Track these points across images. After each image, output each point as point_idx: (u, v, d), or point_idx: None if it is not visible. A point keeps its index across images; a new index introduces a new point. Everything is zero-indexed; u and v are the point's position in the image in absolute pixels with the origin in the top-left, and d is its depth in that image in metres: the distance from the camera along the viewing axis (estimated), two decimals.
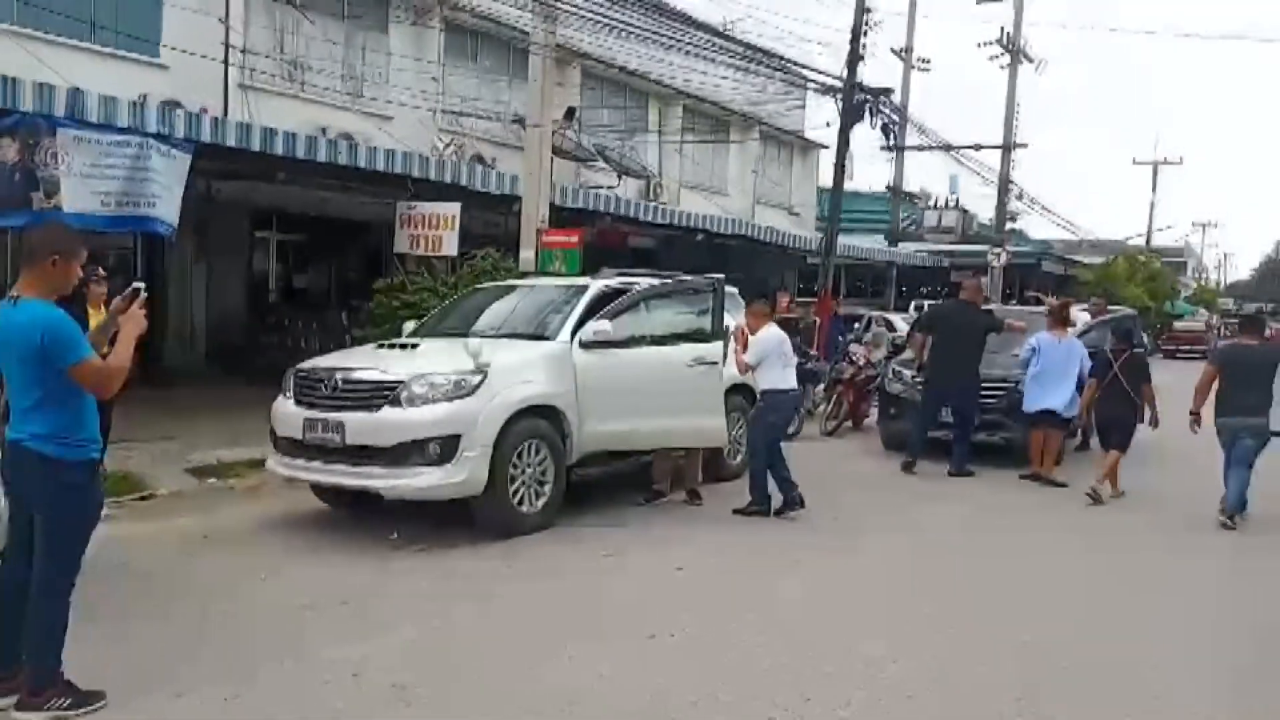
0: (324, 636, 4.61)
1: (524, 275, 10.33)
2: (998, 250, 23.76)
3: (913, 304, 22.02)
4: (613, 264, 10.14)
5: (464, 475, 6.24)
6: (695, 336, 7.69)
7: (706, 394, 7.54)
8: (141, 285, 4.05)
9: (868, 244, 24.97)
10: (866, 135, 17.76)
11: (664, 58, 20.27)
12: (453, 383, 6.34)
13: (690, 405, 7.45)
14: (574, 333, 7.14)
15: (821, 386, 13.19)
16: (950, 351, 9.73)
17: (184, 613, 4.96)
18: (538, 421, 6.75)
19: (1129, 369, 8.78)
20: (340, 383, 6.52)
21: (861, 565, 6.33)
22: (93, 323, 7.88)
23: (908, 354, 11.61)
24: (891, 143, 17.60)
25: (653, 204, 18.98)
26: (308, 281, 17.43)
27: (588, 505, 7.49)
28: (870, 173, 32.33)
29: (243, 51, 14.24)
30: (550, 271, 10.86)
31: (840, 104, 16.40)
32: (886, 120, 16.99)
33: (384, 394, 6.33)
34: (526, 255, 11.17)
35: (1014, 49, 25.08)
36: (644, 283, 7.79)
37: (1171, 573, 6.45)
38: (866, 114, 16.52)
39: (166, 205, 9.34)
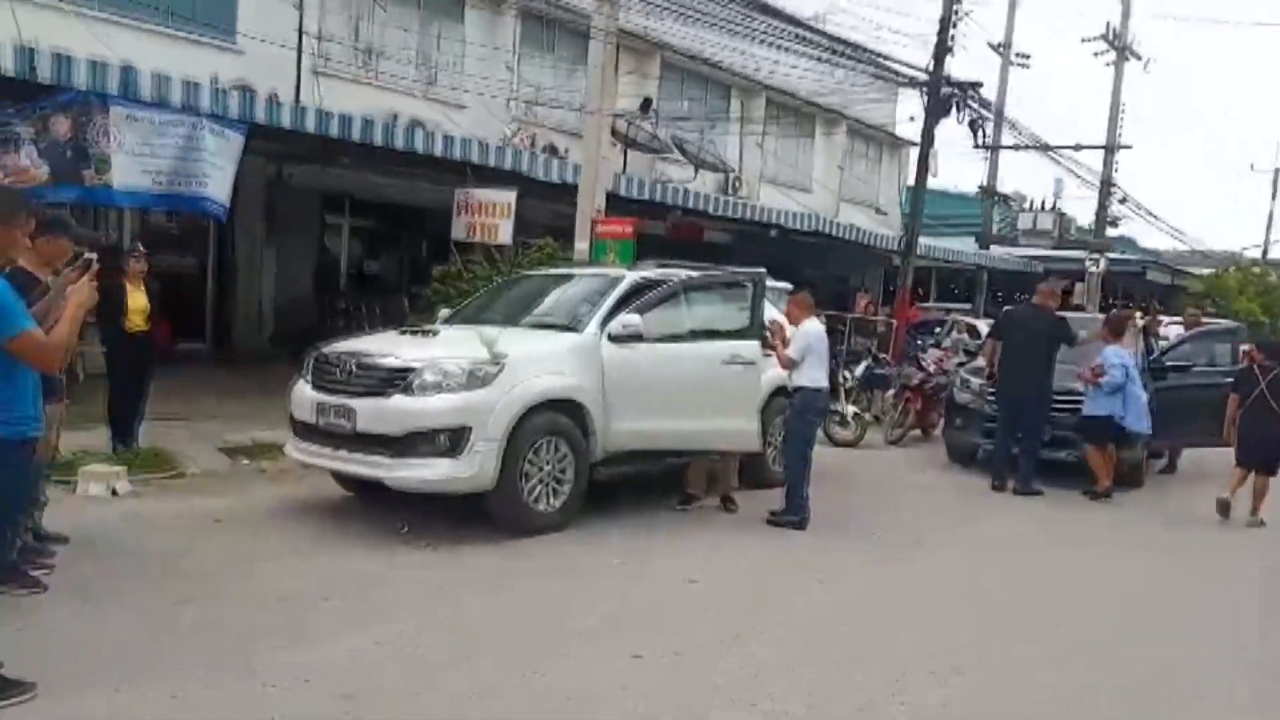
0: (290, 636, 4.37)
1: (570, 265, 10.02)
2: (1095, 256, 22.47)
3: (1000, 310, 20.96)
4: (689, 259, 9.73)
5: (473, 469, 5.96)
6: (733, 333, 7.26)
7: (742, 395, 7.12)
8: (93, 256, 3.80)
9: (957, 246, 23.99)
10: (959, 133, 17.00)
11: (747, 49, 19.79)
12: (466, 372, 6.07)
13: (724, 406, 7.04)
14: (603, 325, 6.80)
15: (891, 392, 12.58)
16: (1018, 359, 9.07)
17: (164, 599, 4.78)
18: (558, 417, 6.44)
19: (1277, 386, 8.13)
20: (354, 367, 6.32)
21: (889, 585, 5.85)
22: (131, 300, 7.97)
23: (980, 361, 10.94)
24: (979, 140, 16.69)
25: (729, 199, 18.51)
26: (379, 267, 17.49)
27: (615, 506, 7.16)
28: (963, 173, 31.18)
29: (317, 38, 14.30)
30: (603, 262, 10.54)
31: (925, 97, 15.64)
32: (975, 115, 16.14)
33: (396, 381, 6.10)
34: (581, 246, 10.88)
35: (1120, 45, 23.72)
36: (681, 275, 7.39)
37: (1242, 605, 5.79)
38: (954, 109, 15.71)
39: (218, 185, 9.34)
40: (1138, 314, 11.50)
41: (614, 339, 6.74)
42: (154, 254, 13.66)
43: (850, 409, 11.72)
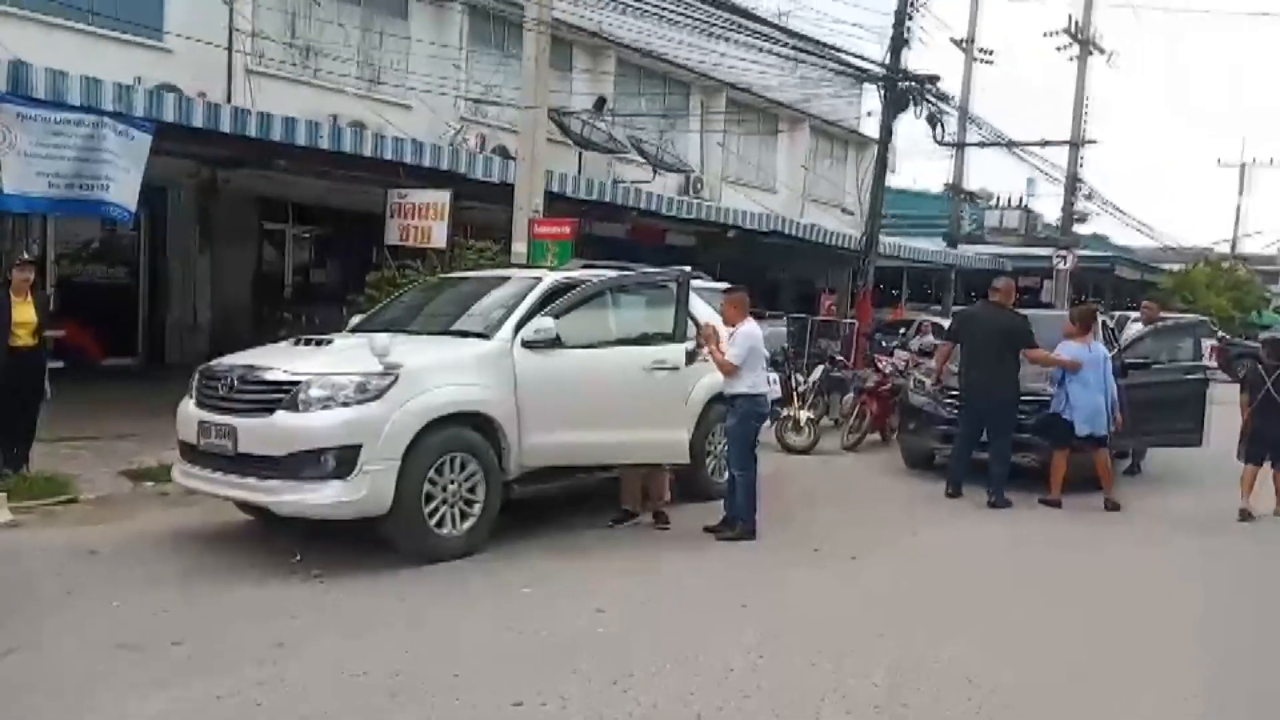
0: (116, 691, 3.84)
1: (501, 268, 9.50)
2: (1064, 253, 22.19)
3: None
4: (650, 262, 9.27)
5: (363, 492, 5.44)
6: (658, 338, 6.77)
7: (667, 403, 6.63)
8: None
9: (926, 245, 23.64)
10: (926, 131, 16.62)
11: (707, 46, 19.35)
12: (355, 385, 5.55)
13: (649, 416, 6.54)
14: (517, 331, 6.30)
15: (849, 396, 12.14)
16: (980, 362, 8.56)
17: None
18: (464, 432, 5.92)
19: None
20: (235, 382, 5.79)
21: (821, 607, 5.36)
22: (16, 314, 7.40)
23: (933, 363, 10.51)
24: (938, 135, 16.30)
25: (689, 200, 18.06)
26: (326, 275, 16.92)
27: (541, 526, 6.67)
28: (931, 172, 30.88)
29: (250, 35, 13.75)
30: (540, 265, 10.03)
31: (883, 92, 15.25)
32: (934, 110, 15.76)
33: (280, 396, 5.57)
34: (519, 248, 10.38)
35: (1082, 38, 23.45)
36: (602, 276, 6.90)
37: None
38: (912, 103, 15.32)
39: (122, 188, 8.78)
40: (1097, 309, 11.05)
41: (528, 345, 6.25)
42: (80, 263, 13.41)
43: (804, 414, 11.27)
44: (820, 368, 12.83)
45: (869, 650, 4.71)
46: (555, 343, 6.30)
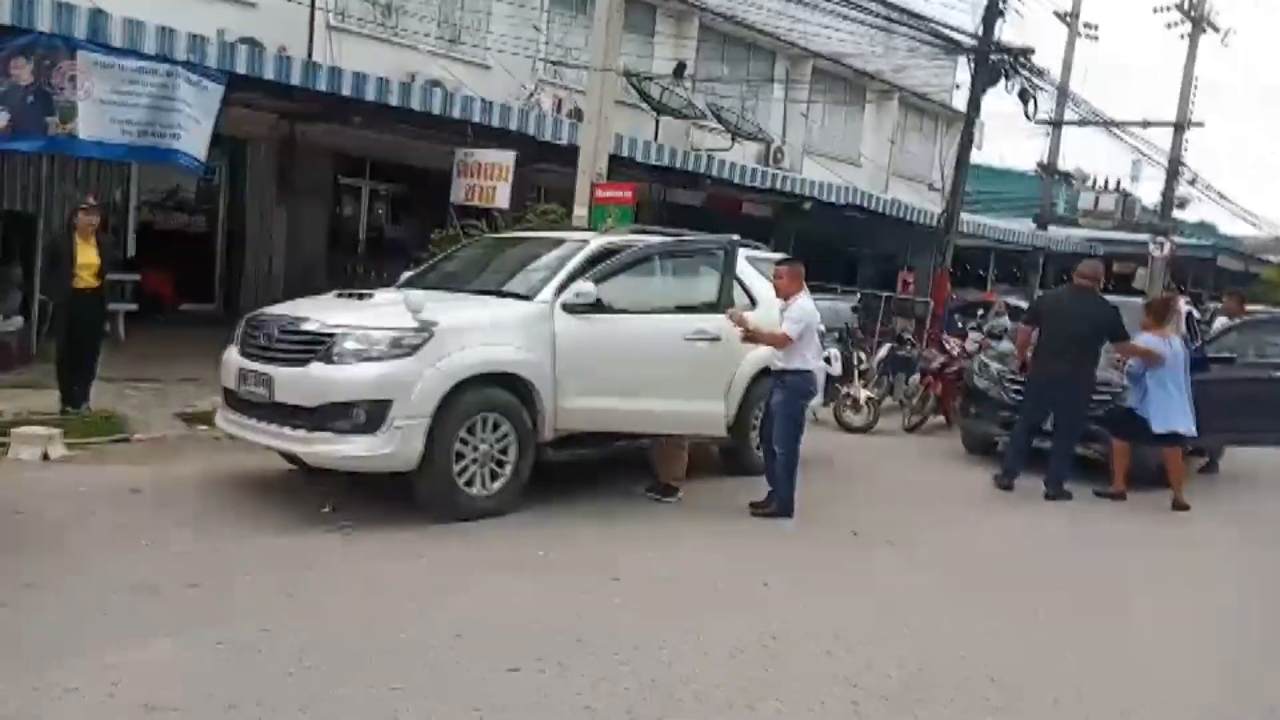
0: (128, 631, 3.92)
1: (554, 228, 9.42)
2: (1160, 239, 21.14)
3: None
4: (724, 231, 9.04)
5: (392, 446, 5.44)
6: (703, 307, 6.63)
7: (706, 373, 6.50)
8: None
9: (1015, 226, 22.78)
10: (1019, 106, 15.88)
11: (793, 13, 18.87)
12: (389, 340, 5.54)
13: (687, 385, 6.43)
14: (558, 294, 6.22)
15: (914, 377, 11.80)
16: (1057, 348, 8.02)
17: (17, 580, 4.35)
18: (497, 392, 5.89)
19: None
20: (276, 332, 5.84)
21: (845, 593, 5.19)
22: (81, 255, 7.62)
23: (1005, 345, 10.11)
24: (1029, 112, 15.60)
25: (768, 170, 17.70)
26: (401, 231, 17.10)
27: (573, 491, 6.62)
28: (1025, 150, 29.63)
29: None
30: (602, 228, 9.93)
31: (972, 64, 14.65)
32: (1025, 86, 15.07)
33: (315, 347, 5.60)
34: (580, 211, 10.28)
35: (1196, 15, 22.16)
36: (648, 241, 6.76)
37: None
38: (1003, 77, 14.68)
39: (193, 138, 8.97)
40: (1183, 299, 10.49)
41: (568, 309, 6.17)
42: (162, 211, 13.80)
43: (864, 392, 11.00)
44: (886, 346, 12.52)
45: (889, 640, 4.53)
46: (596, 307, 6.20)
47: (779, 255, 8.08)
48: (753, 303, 7.38)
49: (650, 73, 17.67)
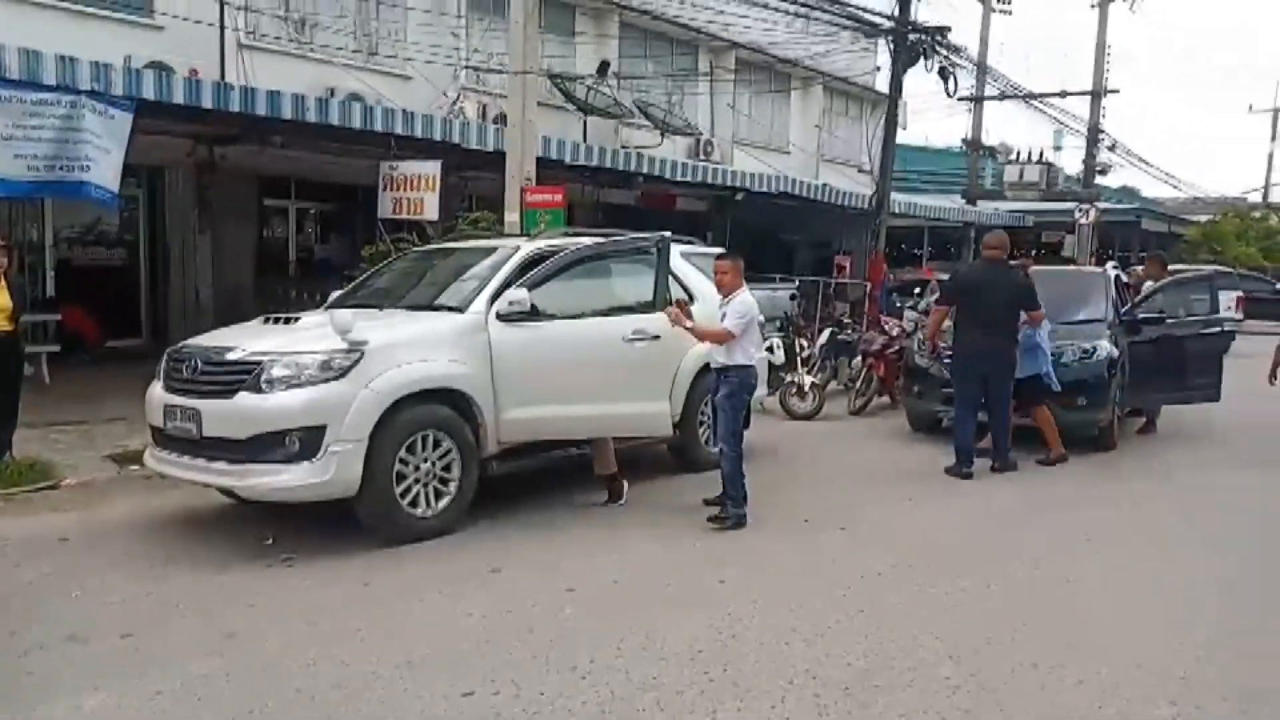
0: (52, 688, 3.74)
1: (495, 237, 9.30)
2: (1086, 206, 21.60)
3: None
4: (661, 228, 8.98)
5: (329, 474, 5.29)
6: (641, 306, 6.57)
7: (649, 373, 6.46)
8: None
9: (942, 203, 23.13)
10: (939, 85, 16.05)
11: (713, 4, 18.92)
12: (318, 363, 5.38)
13: (630, 387, 6.38)
14: (491, 303, 6.11)
15: (857, 360, 11.88)
16: (979, 321, 8.04)
17: None
18: (437, 408, 5.76)
19: None
20: (200, 364, 5.65)
21: (802, 583, 5.16)
22: None
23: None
24: (951, 90, 15.81)
25: (699, 164, 17.71)
26: (331, 250, 16.81)
27: (517, 503, 6.52)
28: (950, 127, 30.17)
29: (241, 9, 13.53)
30: (533, 233, 9.81)
31: (891, 45, 14.79)
32: (944, 64, 15.28)
33: (242, 376, 5.42)
34: (511, 217, 10.16)
35: None
36: (579, 243, 6.68)
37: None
38: (922, 56, 14.86)
39: (103, 169, 8.67)
40: (1110, 263, 10.68)
41: (502, 318, 6.06)
42: (80, 246, 13.37)
43: (809, 379, 11.04)
44: (827, 331, 12.60)
45: (848, 628, 4.52)
46: (531, 314, 6.11)
47: (715, 249, 8.05)
48: (690, 298, 7.34)
49: (574, 73, 17.60)
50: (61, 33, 11.21)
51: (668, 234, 6.89)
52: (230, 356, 5.57)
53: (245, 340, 5.76)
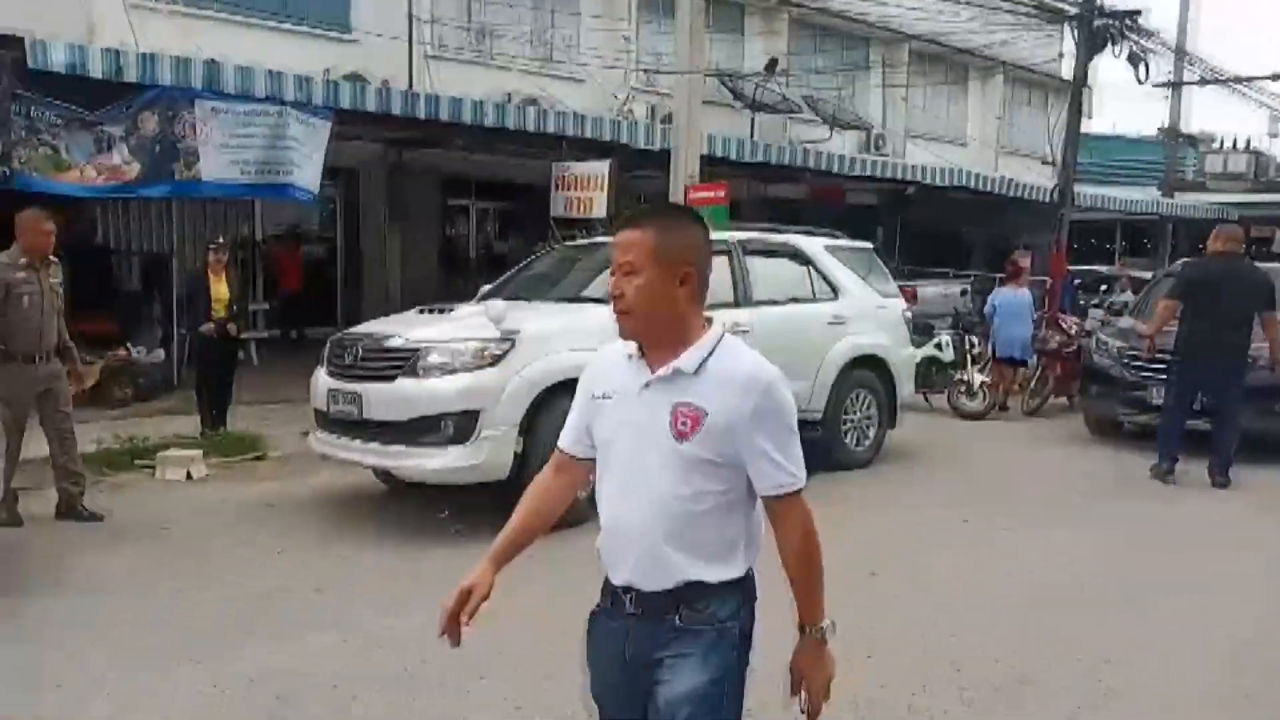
0: (263, 632, 4.23)
1: None
2: None
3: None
4: (828, 223, 9.09)
5: (481, 457, 5.53)
6: (801, 299, 6.65)
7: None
8: None
9: (1135, 195, 21.77)
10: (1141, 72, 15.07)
11: None
12: (473, 351, 5.68)
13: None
14: None
15: (1032, 359, 11.46)
16: (1214, 322, 7.31)
17: (163, 588, 4.77)
18: None
19: None
20: (362, 350, 6.01)
21: (962, 585, 5.12)
22: (213, 291, 8.17)
23: (1125, 322, 9.70)
24: (1142, 76, 14.90)
25: (869, 158, 17.47)
26: (509, 247, 17.60)
27: None
28: (1147, 115, 28.20)
29: (427, 23, 14.39)
30: None
31: (1076, 32, 14.13)
32: (1135, 49, 14.42)
33: (401, 363, 5.76)
34: None
35: None
36: (733, 237, 6.80)
37: None
38: (1109, 42, 14.10)
39: (305, 172, 9.48)
40: None
41: None
42: (288, 241, 14.59)
43: (978, 377, 10.75)
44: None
45: (991, 629, 4.47)
46: None
47: (862, 244, 8.05)
48: (835, 293, 7.34)
49: (742, 71, 17.70)
50: (272, 49, 12.27)
51: (813, 230, 6.93)
52: (390, 344, 5.91)
53: (404, 329, 6.15)
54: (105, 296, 10.88)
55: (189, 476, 7.19)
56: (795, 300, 7.06)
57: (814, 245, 7.57)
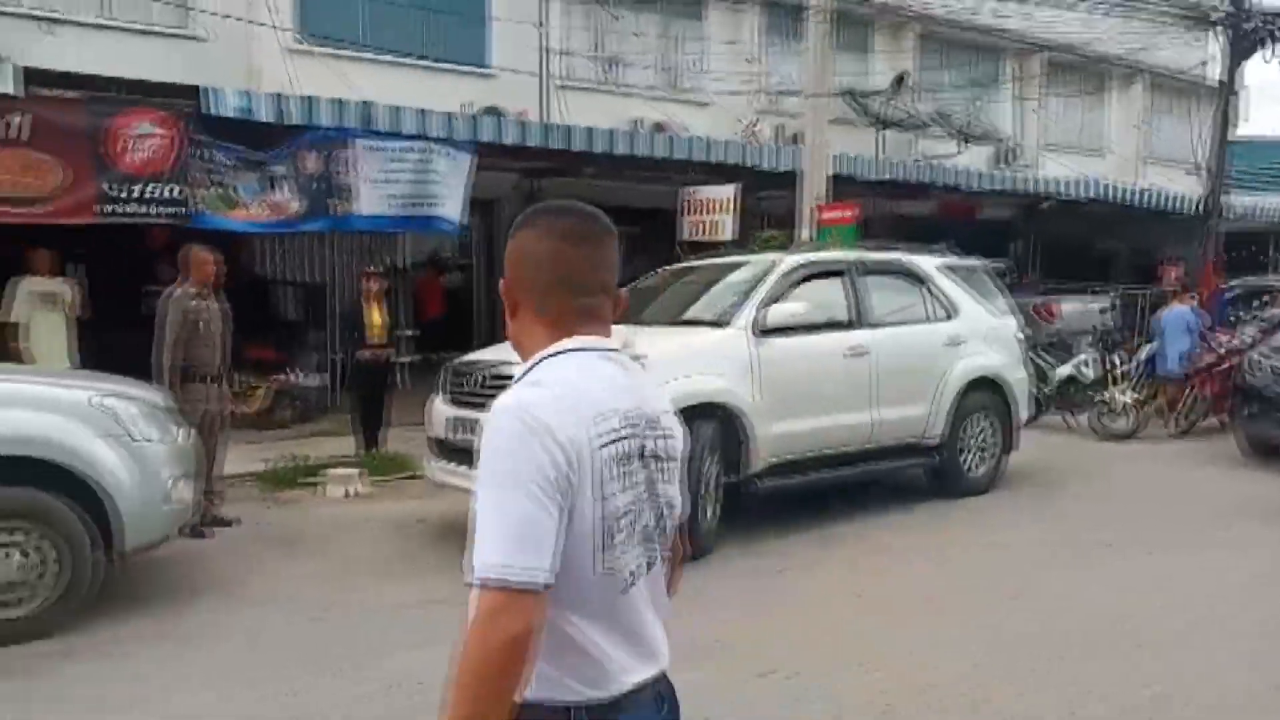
0: (407, 643, 4.50)
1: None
2: None
3: None
4: (957, 238, 9.04)
5: None
6: (920, 321, 6.65)
7: (912, 378, 6.51)
8: None
9: None
10: None
11: (1018, 7, 18.18)
12: None
13: (893, 392, 6.49)
14: (754, 318, 6.24)
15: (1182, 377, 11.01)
16: None
17: (315, 603, 5.13)
18: (701, 425, 5.71)
19: None
20: (484, 378, 5.93)
21: (1102, 608, 5.04)
22: (368, 318, 8.72)
23: None
24: None
25: (1001, 172, 17.10)
26: (635, 270, 17.88)
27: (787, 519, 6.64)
28: None
29: (559, 54, 14.91)
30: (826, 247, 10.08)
31: (1224, 35, 13.54)
32: None
33: None
34: (803, 235, 10.50)
35: None
36: (848, 257, 6.85)
37: None
38: (1259, 45, 13.46)
39: (450, 204, 9.99)
40: None
41: (765, 333, 6.21)
42: (429, 270, 15.30)
43: (1123, 397, 10.41)
44: (1148, 346, 11.76)
45: (1133, 655, 4.40)
46: (793, 329, 6.28)
47: (978, 261, 7.97)
48: (950, 313, 7.31)
49: (870, 88, 17.60)
50: (414, 86, 12.96)
51: (938, 247, 6.91)
52: (511, 370, 6.09)
53: None
54: (267, 325, 11.69)
55: (348, 494, 7.69)
56: (911, 321, 7.02)
57: (928, 264, 7.49)
